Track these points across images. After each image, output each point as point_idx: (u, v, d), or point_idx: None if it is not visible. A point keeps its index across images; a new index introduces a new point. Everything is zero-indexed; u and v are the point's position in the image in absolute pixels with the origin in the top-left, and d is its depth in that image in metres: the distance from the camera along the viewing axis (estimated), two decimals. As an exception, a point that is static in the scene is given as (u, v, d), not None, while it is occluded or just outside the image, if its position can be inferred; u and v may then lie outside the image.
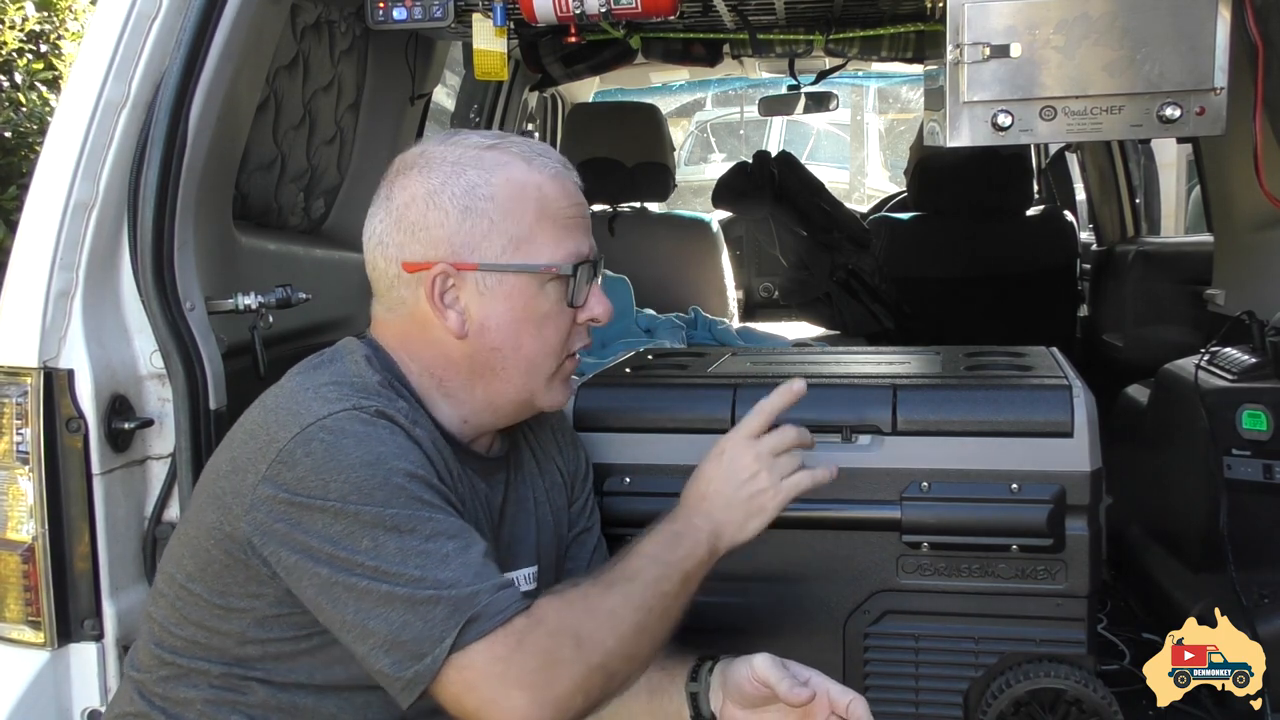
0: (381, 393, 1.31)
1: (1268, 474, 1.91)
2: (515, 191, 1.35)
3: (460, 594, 1.19)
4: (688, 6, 2.57)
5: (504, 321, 1.36)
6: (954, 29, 1.86)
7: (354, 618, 1.20)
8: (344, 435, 1.23)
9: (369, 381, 1.32)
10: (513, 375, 1.38)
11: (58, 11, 4.70)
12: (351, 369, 1.34)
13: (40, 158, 1.68)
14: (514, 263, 1.35)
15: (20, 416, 1.63)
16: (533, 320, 1.36)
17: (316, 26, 2.26)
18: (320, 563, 1.21)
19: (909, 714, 1.68)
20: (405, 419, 1.29)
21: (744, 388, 1.74)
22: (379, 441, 1.23)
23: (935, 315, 4.07)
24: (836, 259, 4.31)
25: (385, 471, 1.21)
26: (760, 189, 4.42)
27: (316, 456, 1.22)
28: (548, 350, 1.39)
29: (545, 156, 1.39)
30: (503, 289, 1.36)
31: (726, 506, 1.37)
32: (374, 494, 1.20)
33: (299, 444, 1.23)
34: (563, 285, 1.37)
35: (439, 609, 1.18)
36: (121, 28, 1.68)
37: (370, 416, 1.25)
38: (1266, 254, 2.42)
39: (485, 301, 1.35)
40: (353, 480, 1.20)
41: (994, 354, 1.96)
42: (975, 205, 4.16)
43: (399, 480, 1.22)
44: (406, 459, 1.24)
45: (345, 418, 1.24)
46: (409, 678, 1.18)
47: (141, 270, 1.70)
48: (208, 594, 1.30)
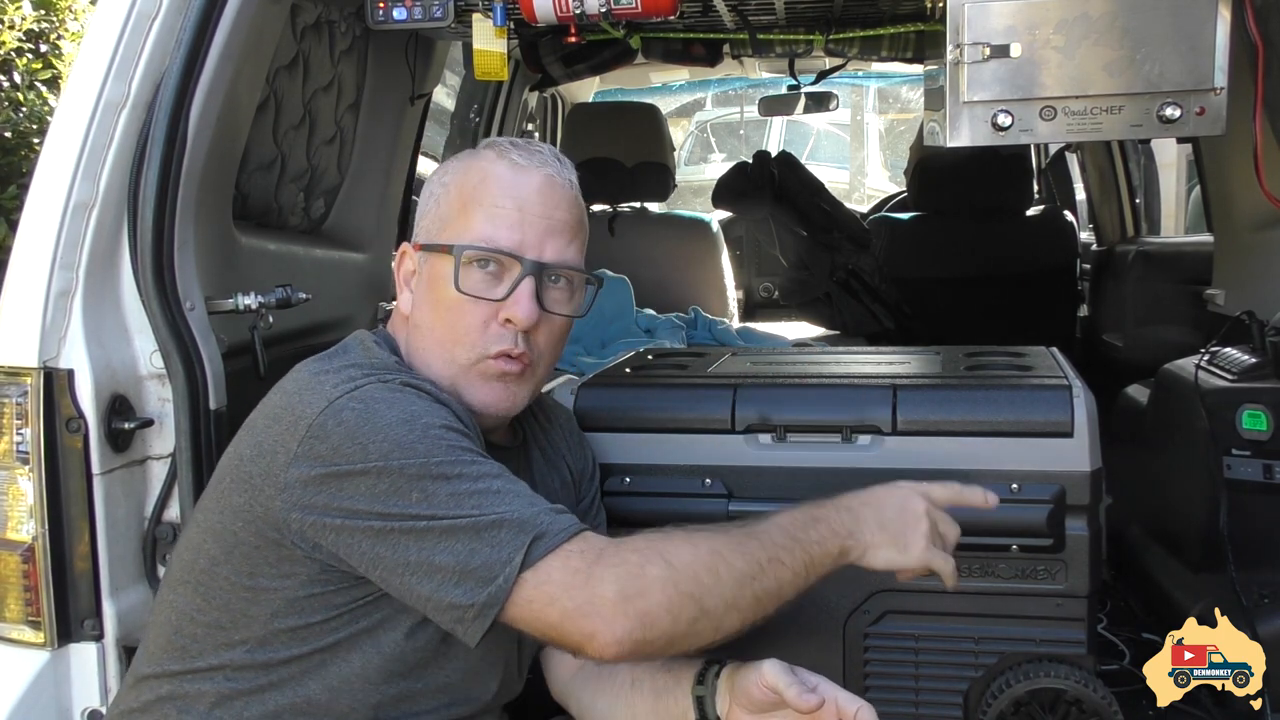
0: (401, 370, 1.34)
1: (1268, 474, 1.91)
2: (464, 176, 1.39)
3: (520, 515, 1.19)
4: (688, 6, 2.57)
5: (423, 300, 1.40)
6: (954, 29, 1.86)
7: (418, 556, 1.20)
8: (375, 401, 1.24)
9: (386, 362, 1.35)
10: (432, 360, 1.39)
11: (57, 11, 4.70)
12: (365, 355, 1.37)
13: (40, 158, 1.68)
14: (434, 241, 1.38)
15: (20, 416, 1.63)
16: (444, 303, 1.37)
17: (316, 26, 2.26)
18: (372, 519, 1.21)
19: (909, 714, 1.68)
20: (430, 389, 1.31)
21: (744, 388, 1.74)
22: (409, 402, 1.26)
23: (935, 315, 4.07)
24: (836, 259, 4.31)
25: (422, 426, 1.23)
26: (760, 189, 4.42)
27: (349, 425, 1.23)
28: (457, 338, 1.37)
29: (531, 155, 1.39)
30: (428, 268, 1.39)
31: (878, 525, 1.33)
32: (415, 446, 1.21)
33: (328, 416, 1.24)
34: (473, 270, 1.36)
35: (504, 532, 1.18)
36: (121, 28, 1.68)
37: (397, 386, 1.27)
38: (1266, 254, 2.42)
39: (419, 281, 1.40)
40: (392, 438, 1.21)
41: (994, 354, 1.96)
42: (975, 205, 4.16)
43: (437, 432, 1.23)
44: (439, 415, 1.26)
45: (372, 388, 1.26)
46: (482, 602, 1.18)
47: (141, 270, 1.70)
48: (235, 575, 1.30)
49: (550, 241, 1.38)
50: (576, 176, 1.45)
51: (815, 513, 1.32)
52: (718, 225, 4.15)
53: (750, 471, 1.70)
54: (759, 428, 1.71)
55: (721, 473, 1.71)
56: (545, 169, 1.39)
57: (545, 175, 1.39)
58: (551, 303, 1.40)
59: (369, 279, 2.58)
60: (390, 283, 2.67)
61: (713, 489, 1.71)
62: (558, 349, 1.46)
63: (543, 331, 1.40)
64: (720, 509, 1.70)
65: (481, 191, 1.37)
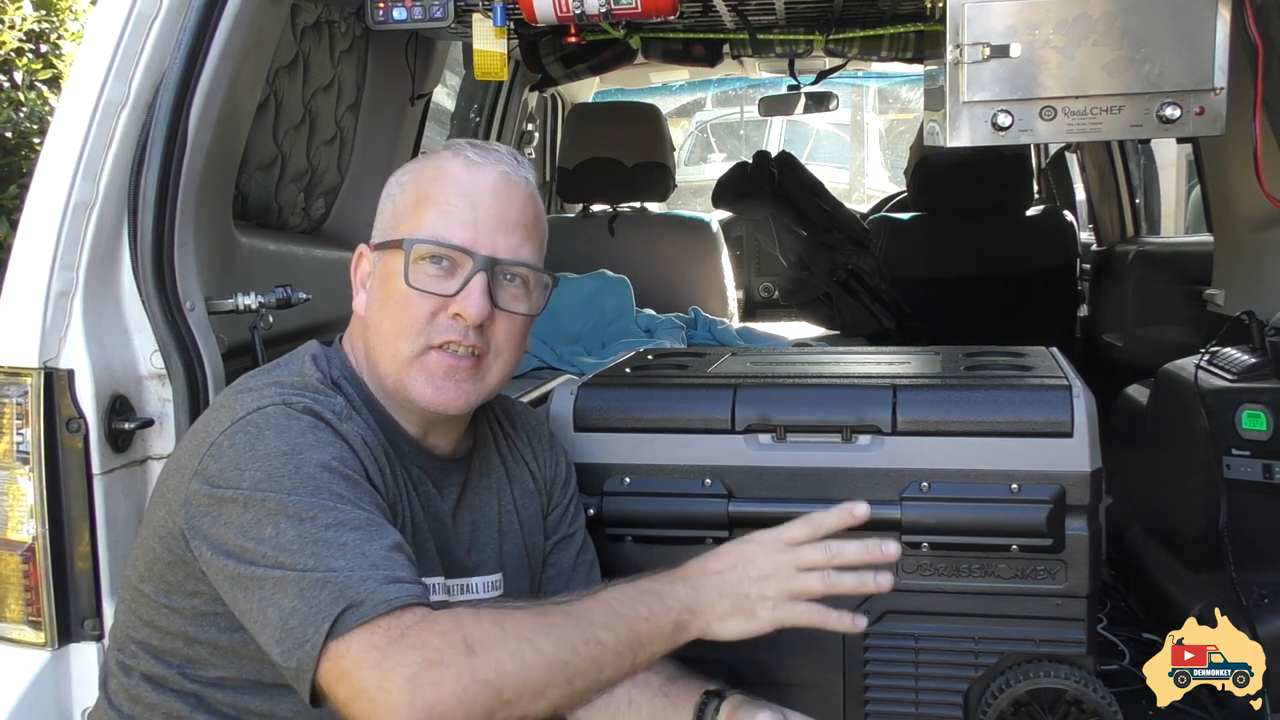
0: (319, 390, 1.32)
1: (1267, 474, 1.91)
2: (419, 175, 1.39)
3: (348, 579, 1.14)
4: (688, 6, 2.57)
5: (375, 297, 1.39)
6: (954, 29, 1.86)
7: (256, 607, 1.18)
8: (266, 427, 1.24)
9: (308, 380, 1.34)
10: (379, 357, 1.38)
11: (58, 11, 4.70)
12: (295, 370, 1.37)
13: (40, 158, 1.68)
14: (387, 239, 1.38)
15: (20, 416, 1.63)
16: (394, 298, 1.36)
17: (316, 26, 2.26)
18: (230, 556, 1.20)
19: (909, 714, 1.68)
20: (335, 415, 1.29)
21: (744, 388, 1.74)
22: (298, 433, 1.24)
23: (935, 315, 4.07)
24: (836, 259, 4.30)
25: (298, 461, 1.21)
26: (760, 189, 4.41)
27: (238, 448, 1.23)
28: (401, 330, 1.35)
29: (486, 154, 1.39)
30: (381, 265, 1.39)
31: (719, 593, 1.26)
32: (283, 481, 1.20)
33: (226, 436, 1.25)
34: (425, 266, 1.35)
35: (324, 594, 1.14)
36: (121, 28, 1.68)
37: (296, 412, 1.26)
38: (1266, 254, 2.42)
39: (373, 281, 1.40)
40: (266, 468, 1.21)
41: (994, 354, 1.96)
42: (975, 205, 4.16)
43: (310, 470, 1.21)
44: (325, 451, 1.24)
45: (272, 412, 1.26)
46: (294, 667, 1.14)
47: (141, 270, 1.70)
48: (154, 593, 1.32)
49: (503, 238, 1.37)
50: (533, 176, 1.44)
51: (648, 585, 1.25)
52: (718, 225, 4.15)
53: (750, 471, 1.70)
54: (759, 428, 1.71)
55: (721, 473, 1.71)
56: (500, 166, 1.38)
57: (500, 173, 1.38)
58: (506, 300, 1.38)
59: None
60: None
61: (713, 489, 1.71)
62: (517, 349, 1.43)
63: (499, 329, 1.38)
64: (720, 509, 1.70)
65: (435, 189, 1.37)
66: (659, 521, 1.73)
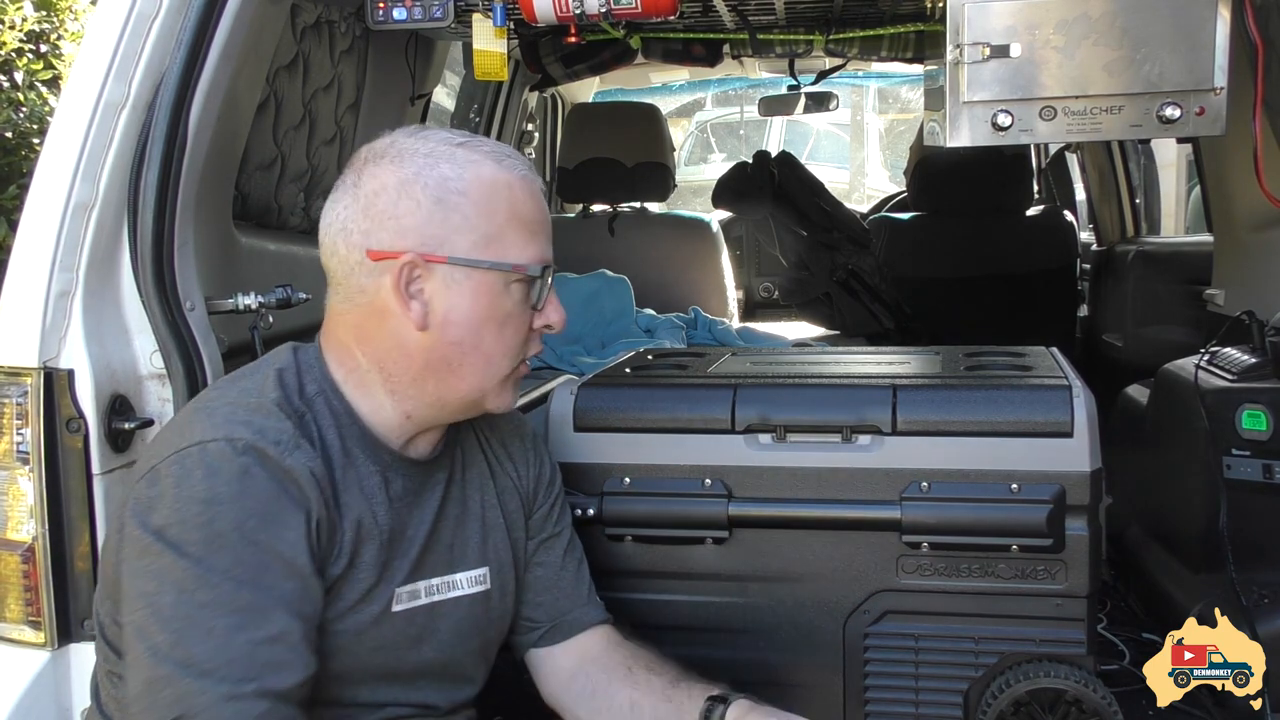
0: (270, 414, 1.28)
1: (1267, 474, 1.91)
2: (488, 189, 1.35)
3: (189, 689, 1.14)
4: (688, 6, 2.57)
5: (467, 317, 1.35)
6: (954, 29, 1.86)
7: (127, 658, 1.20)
8: (197, 468, 1.21)
9: (263, 402, 1.29)
10: (468, 373, 1.36)
11: (58, 12, 4.70)
12: (257, 385, 1.33)
13: (40, 158, 1.68)
14: (484, 259, 1.33)
15: (20, 416, 1.63)
16: (495, 319, 1.35)
17: (316, 26, 2.26)
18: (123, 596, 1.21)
19: (909, 714, 1.68)
20: (280, 447, 1.25)
21: (744, 388, 1.75)
22: (226, 480, 1.20)
23: (935, 315, 4.07)
24: (836, 259, 4.31)
25: (212, 514, 1.18)
26: (760, 189, 4.41)
27: (167, 483, 1.21)
28: (505, 350, 1.37)
29: (514, 159, 1.39)
30: (470, 284, 1.34)
31: None
32: (189, 533, 1.18)
33: (165, 464, 1.22)
34: (526, 287, 1.36)
35: (165, 693, 1.14)
36: (121, 28, 1.68)
37: (237, 451, 1.22)
38: (1266, 254, 2.43)
39: (451, 295, 1.34)
40: (179, 513, 1.19)
41: (994, 354, 1.96)
42: (975, 205, 4.16)
43: (221, 526, 1.18)
44: (246, 504, 1.20)
45: (212, 449, 1.22)
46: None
47: (141, 270, 1.70)
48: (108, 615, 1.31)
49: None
50: None
51: None
52: (718, 225, 4.15)
53: (750, 471, 1.70)
54: (759, 428, 1.71)
55: (721, 473, 1.71)
56: (523, 170, 1.40)
57: (534, 178, 1.41)
58: None
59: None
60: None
61: (713, 489, 1.71)
62: None
63: None
64: (720, 509, 1.70)
65: (514, 205, 1.36)
66: (659, 521, 1.73)
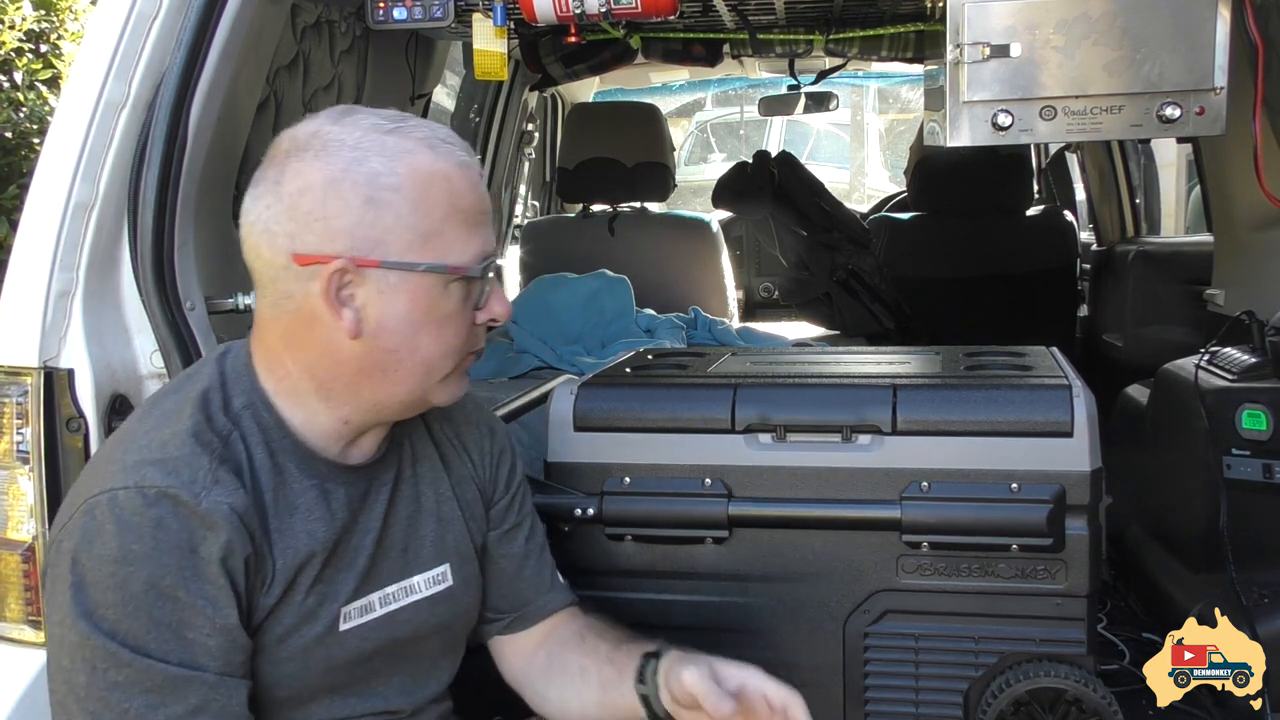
0: (184, 447, 1.22)
1: (1267, 474, 1.91)
2: (424, 182, 1.24)
3: None
4: (688, 6, 2.57)
5: (403, 322, 1.26)
6: (954, 29, 1.86)
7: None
8: (108, 521, 1.17)
9: (179, 431, 1.23)
10: (406, 377, 1.28)
11: (57, 11, 4.70)
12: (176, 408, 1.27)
13: (40, 158, 1.68)
14: (421, 261, 1.24)
15: (20, 416, 1.63)
16: (434, 321, 1.26)
17: (317, 26, 2.26)
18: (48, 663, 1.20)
19: (909, 714, 1.68)
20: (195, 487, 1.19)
21: (744, 388, 1.75)
22: (136, 536, 1.16)
23: (935, 315, 4.08)
24: (836, 259, 4.31)
25: (124, 574, 1.15)
26: (760, 189, 4.41)
27: (77, 537, 1.18)
28: (445, 351, 1.29)
29: (449, 144, 1.28)
30: (406, 287, 1.24)
31: None
32: (101, 595, 1.16)
33: (82, 513, 1.19)
34: (467, 285, 1.27)
35: None
36: (121, 28, 1.68)
37: (148, 501, 1.17)
38: (1266, 254, 2.43)
39: (385, 300, 1.25)
40: (95, 575, 1.16)
41: (993, 354, 1.96)
42: (975, 205, 4.16)
43: (134, 589, 1.16)
44: (158, 561, 1.17)
45: (124, 497, 1.18)
46: None
47: (141, 270, 1.70)
48: None
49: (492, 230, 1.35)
50: None
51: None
52: (718, 225, 4.15)
53: (750, 471, 1.70)
54: (759, 427, 1.71)
55: (721, 472, 1.71)
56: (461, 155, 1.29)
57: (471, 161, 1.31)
58: None
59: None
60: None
61: (713, 489, 1.71)
62: None
63: None
64: (720, 509, 1.70)
65: (453, 199, 1.26)
66: (659, 521, 1.73)
